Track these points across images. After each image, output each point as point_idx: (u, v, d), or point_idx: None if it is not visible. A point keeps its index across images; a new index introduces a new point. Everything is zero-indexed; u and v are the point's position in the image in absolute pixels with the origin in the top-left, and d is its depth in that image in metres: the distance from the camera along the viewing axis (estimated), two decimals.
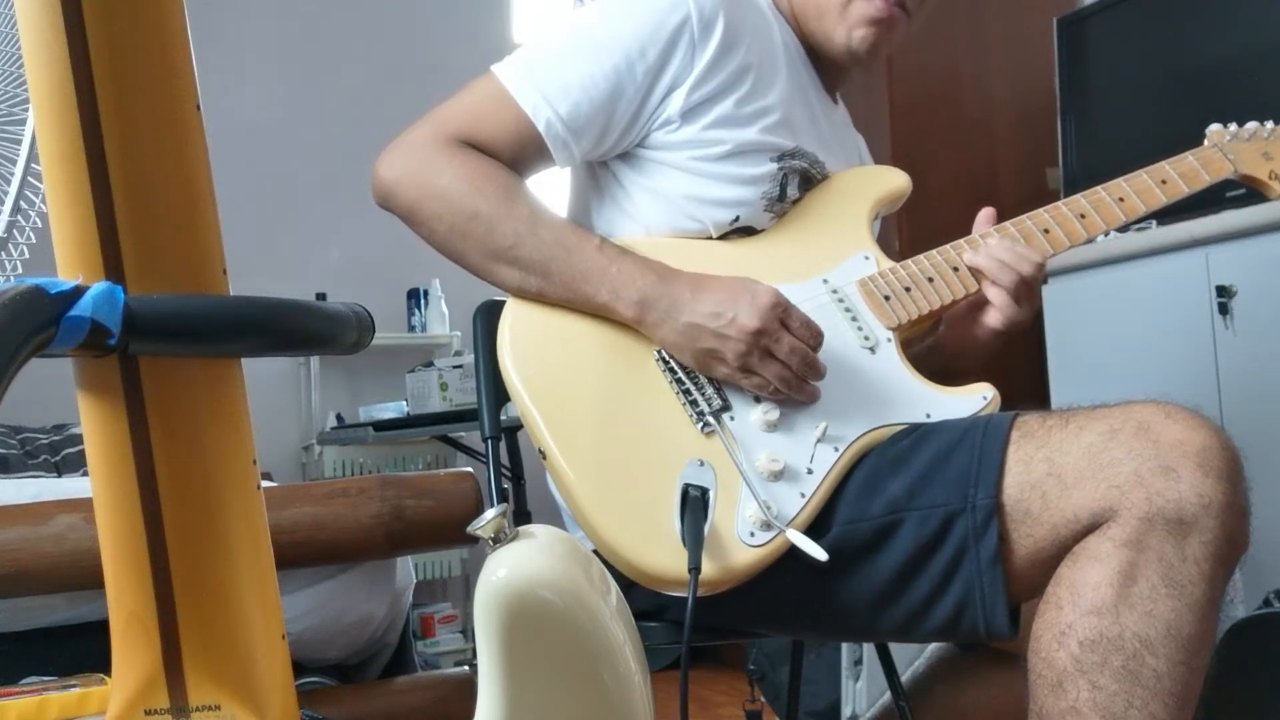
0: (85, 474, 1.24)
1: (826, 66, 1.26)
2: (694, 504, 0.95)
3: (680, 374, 1.05)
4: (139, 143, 0.62)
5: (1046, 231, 1.17)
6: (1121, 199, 1.19)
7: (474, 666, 0.87)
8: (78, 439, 2.47)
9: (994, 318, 1.12)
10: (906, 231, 2.67)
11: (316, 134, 3.72)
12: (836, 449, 1.02)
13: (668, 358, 1.06)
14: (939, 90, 2.84)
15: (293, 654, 0.73)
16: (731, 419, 1.02)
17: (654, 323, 1.04)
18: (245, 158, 3.41)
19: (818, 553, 0.93)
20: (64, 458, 2.42)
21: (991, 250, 1.12)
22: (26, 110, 1.68)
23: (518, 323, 1.09)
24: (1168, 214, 2.27)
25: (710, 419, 1.02)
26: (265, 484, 0.81)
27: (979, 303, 1.14)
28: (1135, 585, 0.87)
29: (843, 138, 1.31)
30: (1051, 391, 2.40)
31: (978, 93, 2.87)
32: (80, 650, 1.25)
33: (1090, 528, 0.91)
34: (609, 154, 1.15)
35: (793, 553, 0.97)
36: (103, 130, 0.61)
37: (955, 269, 1.14)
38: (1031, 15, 2.87)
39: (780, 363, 1.01)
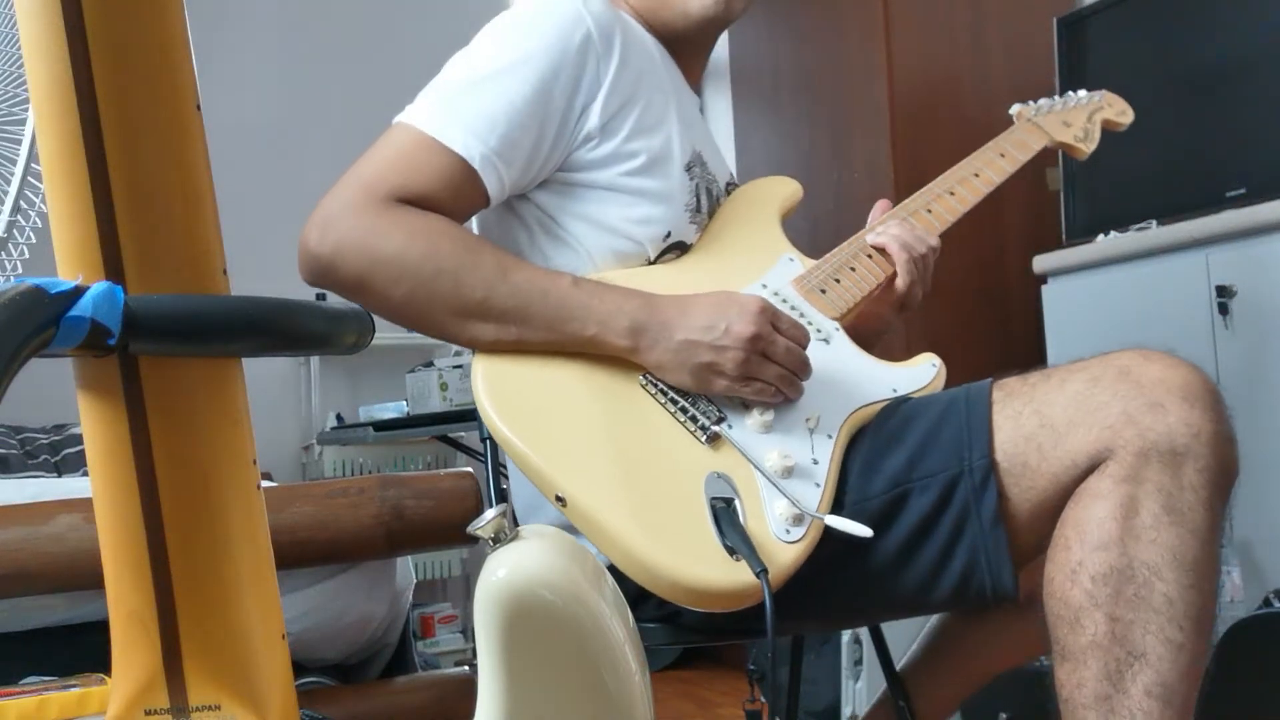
0: (85, 474, 1.24)
1: (686, 59, 1.29)
2: (726, 515, 0.94)
3: (672, 393, 1.04)
4: (139, 143, 0.62)
5: (930, 210, 1.28)
6: (976, 174, 1.33)
7: (474, 666, 0.87)
8: (78, 439, 2.48)
9: (899, 285, 1.21)
10: None
11: (316, 134, 3.72)
12: (830, 436, 1.04)
13: (655, 381, 1.05)
14: (939, 90, 2.84)
15: (293, 654, 0.73)
16: (730, 428, 1.02)
17: (646, 348, 1.03)
18: (245, 158, 3.41)
19: (860, 530, 0.95)
20: (64, 458, 2.43)
21: (890, 230, 1.22)
22: (26, 110, 1.68)
23: (491, 377, 1.05)
24: (1167, 214, 2.28)
25: (715, 429, 1.01)
26: (265, 484, 0.81)
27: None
28: (1138, 516, 0.91)
29: (709, 132, 1.36)
30: None
31: (978, 93, 2.87)
32: (80, 650, 1.25)
33: (1088, 471, 0.94)
34: (532, 182, 1.13)
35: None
36: (103, 130, 0.61)
37: (869, 255, 1.22)
38: (1031, 15, 2.87)
39: (777, 364, 1.03)
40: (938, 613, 1.31)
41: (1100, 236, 2.37)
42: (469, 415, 3.01)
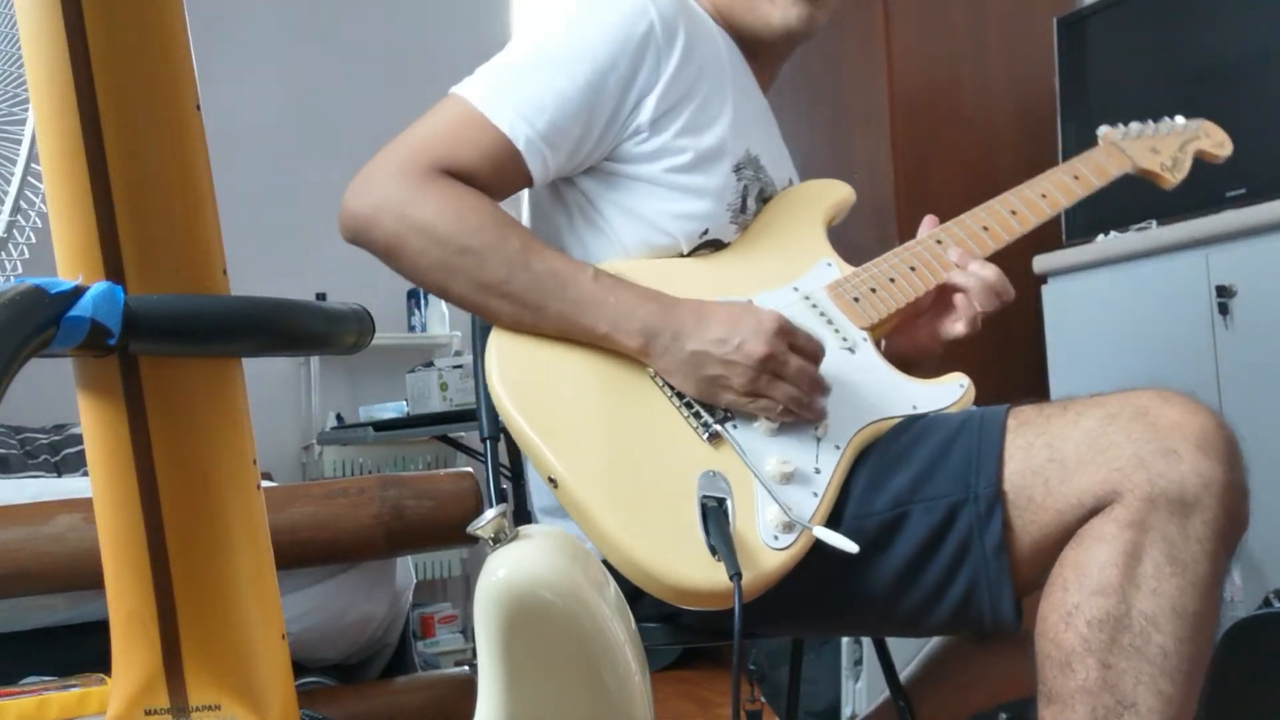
0: (85, 474, 1.24)
1: (761, 63, 1.28)
2: (715, 515, 0.94)
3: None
4: (139, 143, 0.62)
5: (986, 229, 1.23)
6: (1044, 195, 1.28)
7: (474, 666, 0.87)
8: (78, 439, 2.47)
9: (958, 329, 1.16)
10: (908, 229, 2.66)
11: (316, 134, 3.72)
12: (838, 447, 1.03)
13: None
14: (939, 90, 2.84)
15: (293, 654, 0.73)
16: (735, 428, 1.02)
17: (657, 353, 1.03)
18: (245, 158, 3.41)
19: (847, 545, 0.93)
20: (64, 458, 2.42)
21: (979, 272, 1.16)
22: (26, 110, 1.68)
23: (504, 354, 1.06)
24: (1167, 214, 2.28)
25: (717, 428, 1.01)
26: (265, 484, 0.81)
27: (921, 313, 1.19)
28: (1140, 565, 0.89)
29: (779, 139, 1.34)
30: (1051, 391, 2.40)
31: (978, 93, 2.87)
32: (80, 650, 1.25)
33: (1093, 511, 0.92)
34: (579, 168, 1.14)
35: (806, 553, 0.97)
36: (103, 130, 0.61)
37: (913, 268, 1.18)
38: (1031, 15, 2.87)
39: (788, 383, 1.01)
40: (935, 635, 1.30)
41: (1100, 236, 2.37)
42: (469, 415, 3.01)
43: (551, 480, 0.99)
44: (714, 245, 1.18)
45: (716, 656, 3.22)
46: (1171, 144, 1.38)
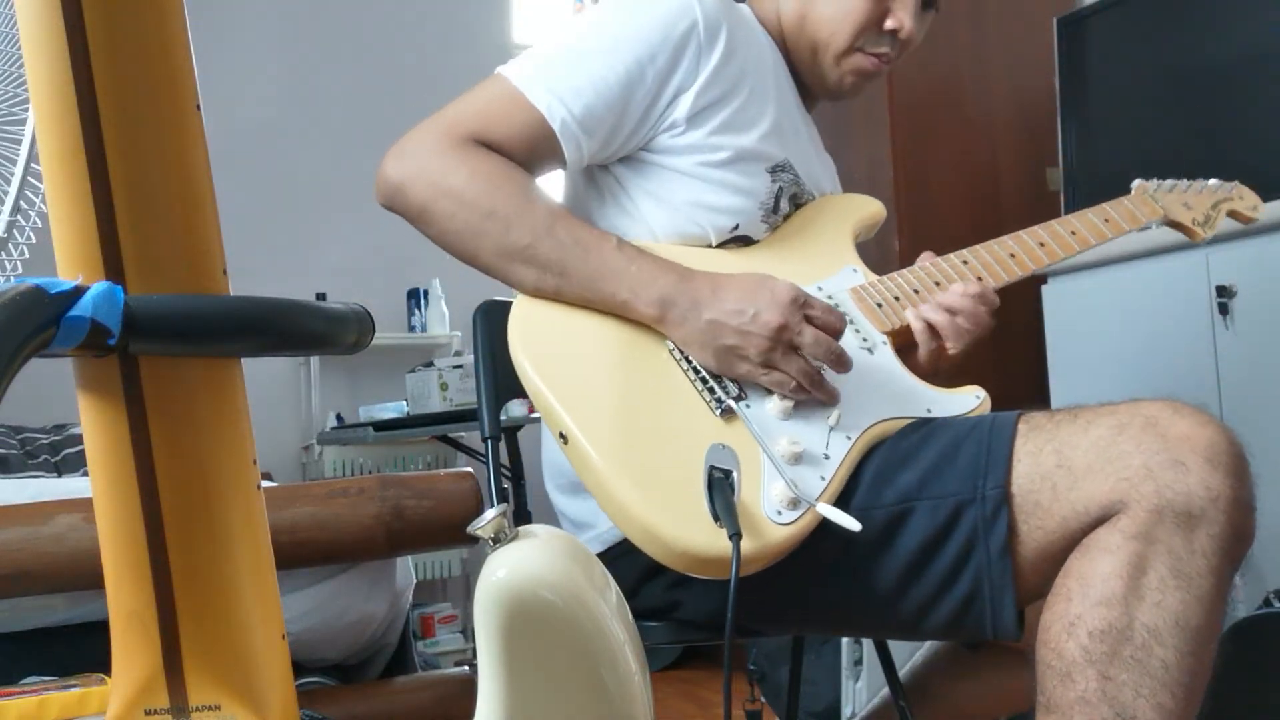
0: (85, 474, 1.24)
1: (806, 86, 1.31)
2: (720, 484, 0.95)
3: (696, 362, 1.06)
4: (139, 143, 0.62)
5: (1013, 256, 1.25)
6: (1073, 232, 1.30)
7: (474, 666, 0.87)
8: (78, 439, 2.47)
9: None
10: (908, 229, 2.66)
11: (316, 134, 3.72)
12: (849, 437, 1.03)
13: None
14: (939, 90, 2.84)
15: (293, 654, 0.73)
16: (748, 407, 1.03)
17: (674, 321, 1.05)
18: (245, 158, 3.41)
19: (850, 523, 0.93)
20: (64, 458, 2.42)
21: (958, 303, 1.15)
22: (26, 110, 1.68)
23: (526, 316, 1.09)
24: None
25: (731, 403, 1.02)
26: (265, 484, 0.81)
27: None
28: (1144, 577, 0.88)
29: (819, 152, 1.36)
30: (1051, 391, 2.40)
31: (978, 93, 2.87)
32: (80, 650, 1.25)
33: (1099, 520, 0.92)
34: (613, 156, 1.16)
35: (805, 545, 0.97)
36: (103, 130, 0.61)
37: (937, 283, 1.19)
38: (1031, 15, 2.87)
39: (803, 358, 1.02)
40: (935, 639, 1.30)
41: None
42: (469, 415, 3.01)
43: (562, 436, 1.01)
44: (743, 241, 1.19)
45: (716, 656, 3.22)
46: (1204, 201, 1.39)
